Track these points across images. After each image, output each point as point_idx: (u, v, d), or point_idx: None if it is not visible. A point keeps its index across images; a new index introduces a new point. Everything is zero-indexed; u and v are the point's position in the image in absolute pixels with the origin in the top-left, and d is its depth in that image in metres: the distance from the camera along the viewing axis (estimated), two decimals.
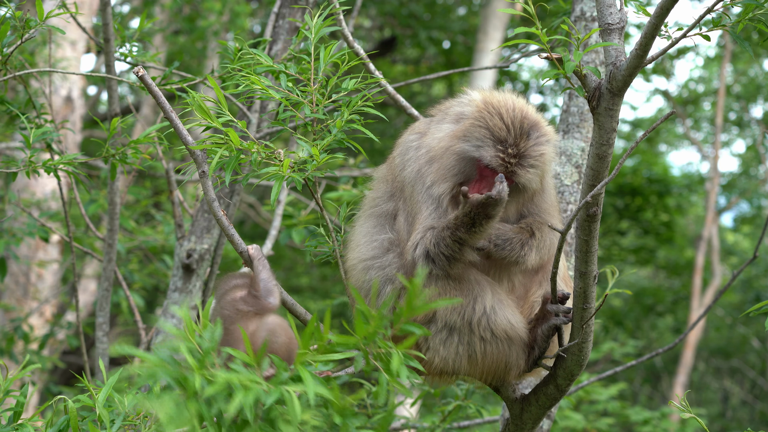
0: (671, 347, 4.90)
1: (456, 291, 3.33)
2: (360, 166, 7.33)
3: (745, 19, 3.01)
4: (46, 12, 3.98)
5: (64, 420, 2.85)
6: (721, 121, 17.66)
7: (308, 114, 3.32)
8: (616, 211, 18.23)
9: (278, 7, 5.07)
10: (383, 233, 3.48)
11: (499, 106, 3.34)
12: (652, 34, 2.81)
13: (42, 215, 7.26)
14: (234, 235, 3.16)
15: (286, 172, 3.11)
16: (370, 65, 4.27)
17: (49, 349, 9.28)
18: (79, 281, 11.00)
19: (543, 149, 3.32)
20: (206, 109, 3.06)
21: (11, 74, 4.21)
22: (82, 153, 4.11)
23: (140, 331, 5.42)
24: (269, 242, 5.93)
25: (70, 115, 9.86)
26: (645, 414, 10.12)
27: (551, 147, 3.37)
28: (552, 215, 3.50)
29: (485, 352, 3.36)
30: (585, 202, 2.99)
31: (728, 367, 21.22)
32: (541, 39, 2.85)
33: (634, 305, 19.45)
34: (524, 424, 3.59)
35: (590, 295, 3.18)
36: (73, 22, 6.03)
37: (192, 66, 12.48)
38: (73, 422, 2.81)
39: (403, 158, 3.51)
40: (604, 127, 2.94)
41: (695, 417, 3.42)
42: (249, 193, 14.24)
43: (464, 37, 15.59)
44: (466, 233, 3.22)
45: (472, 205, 3.17)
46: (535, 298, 3.46)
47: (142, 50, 4.75)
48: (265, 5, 14.53)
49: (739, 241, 22.86)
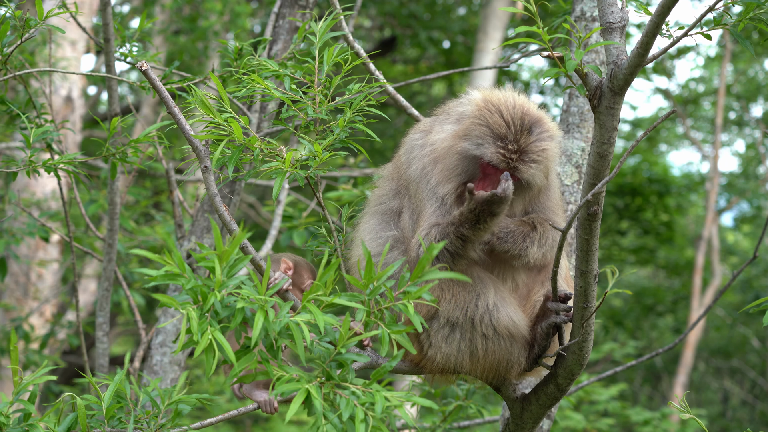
0: (671, 347, 4.90)
1: (458, 287, 3.34)
2: (360, 166, 7.32)
3: (746, 18, 3.01)
4: (46, 12, 3.98)
5: (73, 417, 2.86)
6: (721, 120, 17.66)
7: (311, 114, 3.32)
8: (616, 211, 18.24)
9: (278, 7, 5.07)
10: (388, 230, 3.49)
11: (499, 103, 3.35)
12: (653, 33, 2.81)
13: (42, 215, 7.26)
14: (236, 230, 3.16)
15: (288, 168, 3.12)
16: (371, 66, 4.27)
17: (50, 348, 9.27)
18: (79, 281, 11.00)
19: (545, 145, 3.32)
20: (208, 105, 3.07)
21: (11, 74, 4.21)
22: (82, 153, 4.11)
23: (140, 331, 5.41)
24: (269, 242, 5.92)
25: (70, 114, 9.86)
26: (645, 414, 10.12)
27: (554, 143, 3.37)
28: (556, 213, 3.51)
29: (487, 349, 3.37)
30: (586, 201, 2.98)
31: (728, 367, 21.22)
32: (542, 37, 2.85)
33: (634, 305, 19.45)
34: (524, 423, 3.59)
35: (591, 294, 3.18)
36: (73, 22, 6.03)
37: (192, 66, 12.47)
38: (81, 420, 2.82)
39: (409, 156, 3.52)
40: (605, 126, 2.94)
41: (695, 418, 3.42)
42: (249, 193, 14.24)
43: (464, 37, 15.58)
44: (470, 230, 3.22)
45: (477, 203, 3.18)
46: (538, 297, 3.47)
47: (142, 50, 4.74)
48: (266, 5, 14.53)
49: (739, 241, 22.86)
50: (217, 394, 10.82)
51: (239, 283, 2.59)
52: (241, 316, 2.55)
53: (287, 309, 2.62)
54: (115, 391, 2.91)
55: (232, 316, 2.56)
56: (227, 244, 2.60)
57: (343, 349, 2.64)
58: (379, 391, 2.59)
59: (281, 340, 2.60)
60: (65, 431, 2.85)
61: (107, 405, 2.87)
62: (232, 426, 13.08)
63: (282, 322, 2.56)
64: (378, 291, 2.72)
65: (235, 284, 2.58)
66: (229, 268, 2.60)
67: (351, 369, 2.68)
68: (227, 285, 2.57)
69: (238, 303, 2.54)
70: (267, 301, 2.57)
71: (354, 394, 2.60)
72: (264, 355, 2.60)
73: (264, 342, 2.60)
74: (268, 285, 2.76)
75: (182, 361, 5.08)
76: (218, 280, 2.56)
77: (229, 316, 2.56)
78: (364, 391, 2.61)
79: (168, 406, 2.98)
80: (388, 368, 2.70)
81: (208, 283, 2.57)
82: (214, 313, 2.55)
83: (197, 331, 2.50)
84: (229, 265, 2.60)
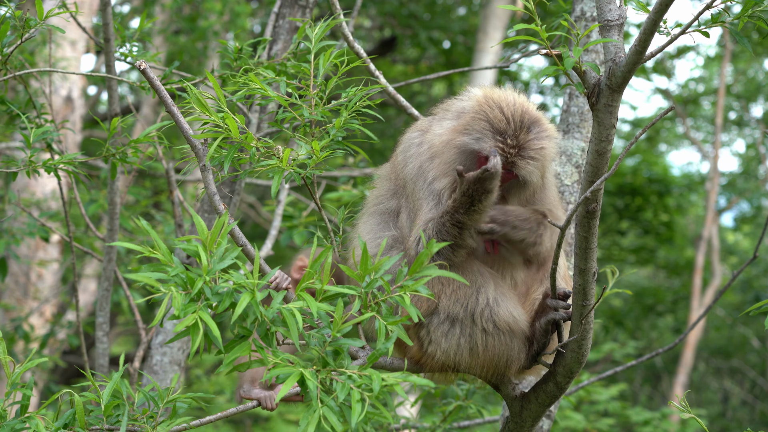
0: (671, 347, 4.90)
1: (459, 282, 3.33)
2: (360, 166, 7.32)
3: (745, 16, 3.01)
4: (46, 12, 3.98)
5: (70, 413, 2.87)
6: (721, 120, 17.66)
7: (307, 116, 3.33)
8: (616, 211, 18.23)
9: (278, 6, 5.07)
10: (386, 230, 3.50)
11: (500, 100, 3.36)
12: (651, 30, 2.81)
13: (42, 215, 7.26)
14: (235, 229, 3.16)
15: (285, 166, 3.13)
16: (371, 66, 4.28)
17: (50, 348, 9.27)
18: (79, 281, 11.00)
19: (543, 143, 3.34)
20: (205, 104, 3.08)
21: (11, 74, 4.21)
22: (82, 153, 4.11)
23: (140, 331, 5.42)
24: (269, 242, 5.93)
25: (70, 115, 9.86)
26: (645, 414, 10.13)
27: (552, 143, 3.39)
28: (554, 212, 3.51)
29: (487, 345, 3.37)
30: (584, 198, 2.99)
31: (728, 367, 21.21)
32: (541, 35, 2.85)
33: (634, 305, 19.45)
34: (524, 422, 3.59)
35: (589, 292, 3.19)
36: (73, 22, 6.03)
37: (192, 66, 12.47)
38: (79, 416, 2.82)
39: (406, 155, 3.53)
40: (603, 124, 2.94)
41: (695, 417, 3.42)
42: (249, 193, 14.24)
43: (464, 37, 15.59)
44: (465, 214, 3.22)
45: (469, 182, 3.18)
46: (537, 295, 3.47)
47: (142, 50, 4.75)
48: (266, 5, 14.54)
49: (739, 241, 22.86)
50: (218, 394, 10.84)
51: (226, 268, 2.62)
52: (230, 300, 2.57)
53: (281, 298, 2.65)
54: (114, 389, 2.91)
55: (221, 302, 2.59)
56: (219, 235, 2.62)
57: (338, 334, 2.67)
58: (375, 373, 2.61)
59: (275, 327, 2.62)
60: (63, 427, 2.85)
61: (106, 402, 2.87)
62: (233, 426, 13.08)
63: (274, 310, 2.60)
64: (375, 284, 2.74)
65: (222, 268, 2.62)
66: (220, 259, 2.63)
67: (347, 355, 2.69)
68: (214, 271, 2.60)
69: (222, 285, 2.58)
70: (256, 284, 2.60)
71: (350, 378, 2.61)
72: (258, 344, 2.61)
73: (258, 331, 2.62)
74: (268, 284, 2.78)
75: (182, 361, 5.08)
76: (204, 265, 2.59)
77: (218, 303, 2.59)
78: (360, 375, 2.63)
79: (166, 404, 2.98)
80: (383, 351, 2.71)
81: (196, 271, 2.60)
82: (205, 299, 2.57)
83: (180, 307, 2.52)
84: (219, 256, 2.63)
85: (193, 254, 2.62)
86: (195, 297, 2.57)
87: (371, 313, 2.72)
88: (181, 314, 2.52)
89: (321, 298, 2.70)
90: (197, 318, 2.51)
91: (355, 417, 2.51)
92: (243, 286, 2.60)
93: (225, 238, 2.71)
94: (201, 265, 2.61)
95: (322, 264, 2.74)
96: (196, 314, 2.52)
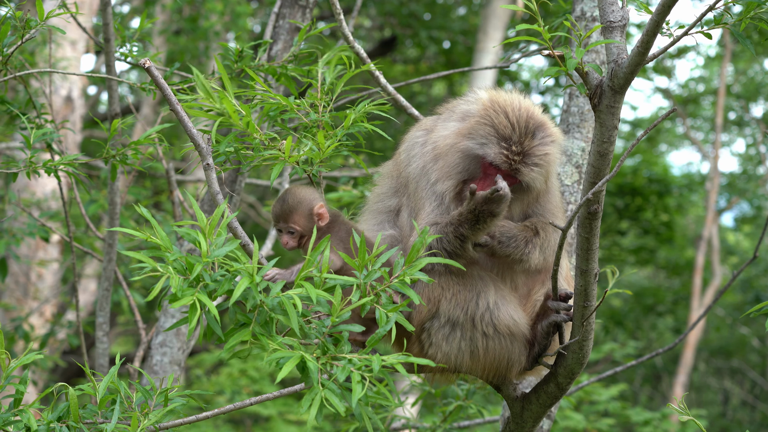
0: (671, 347, 4.90)
1: (459, 286, 3.34)
2: (359, 167, 7.32)
3: (747, 17, 3.00)
4: (47, 12, 3.97)
5: (64, 407, 2.87)
6: (721, 120, 17.66)
7: (312, 118, 3.33)
8: (616, 211, 18.23)
9: (278, 7, 5.07)
10: (386, 230, 3.50)
11: (505, 104, 3.35)
12: (653, 32, 2.81)
13: (42, 215, 7.26)
14: (237, 227, 3.16)
15: (287, 158, 3.13)
16: (371, 67, 4.28)
17: (50, 348, 9.27)
18: (79, 281, 11.00)
19: (548, 149, 3.33)
20: (209, 90, 3.08)
21: (11, 74, 4.21)
22: (82, 153, 4.11)
23: (140, 331, 5.41)
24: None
25: (70, 115, 9.85)
26: (645, 415, 10.12)
27: (557, 148, 3.38)
28: (556, 216, 3.51)
29: (487, 348, 3.37)
30: (586, 200, 2.99)
31: (728, 367, 21.21)
32: (543, 36, 2.85)
33: (634, 305, 19.45)
34: (525, 422, 3.59)
35: (591, 293, 3.18)
36: (73, 22, 6.03)
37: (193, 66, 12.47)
38: (73, 409, 2.82)
39: (409, 154, 3.52)
40: (605, 125, 2.94)
41: (694, 419, 3.41)
42: (249, 193, 14.24)
43: (464, 37, 15.59)
44: (470, 230, 3.23)
45: (477, 202, 3.18)
46: (538, 296, 3.47)
47: (143, 50, 4.74)
48: (266, 5, 14.53)
49: (739, 241, 22.86)
50: (218, 394, 10.83)
51: (225, 254, 2.65)
52: (229, 285, 2.59)
53: (280, 287, 2.66)
54: (109, 385, 2.92)
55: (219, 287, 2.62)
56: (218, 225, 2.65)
57: (337, 319, 2.69)
58: (374, 356, 2.64)
59: (275, 315, 2.63)
60: (57, 419, 2.85)
61: (101, 396, 2.87)
62: (233, 426, 13.08)
63: (274, 299, 2.62)
64: (373, 275, 2.77)
65: (221, 254, 2.64)
66: (219, 247, 2.66)
67: (347, 342, 2.71)
68: (212, 257, 2.63)
69: (222, 272, 2.60)
70: (255, 269, 2.62)
71: (350, 362, 2.63)
72: (259, 330, 2.63)
73: (258, 318, 2.64)
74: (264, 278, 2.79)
75: (182, 361, 5.08)
76: (204, 250, 2.60)
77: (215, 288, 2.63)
78: (360, 358, 2.65)
79: (159, 398, 2.98)
80: (383, 333, 2.73)
81: (195, 258, 2.63)
82: (204, 285, 2.60)
83: (177, 286, 2.55)
84: (219, 244, 2.66)
85: (193, 241, 2.63)
86: (194, 282, 2.59)
87: (371, 297, 2.73)
88: (179, 294, 2.54)
89: (323, 287, 2.73)
90: (195, 299, 2.54)
91: (356, 397, 2.54)
92: (241, 271, 2.63)
93: (225, 228, 2.73)
94: (200, 253, 2.62)
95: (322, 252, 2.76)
96: (194, 296, 2.54)
